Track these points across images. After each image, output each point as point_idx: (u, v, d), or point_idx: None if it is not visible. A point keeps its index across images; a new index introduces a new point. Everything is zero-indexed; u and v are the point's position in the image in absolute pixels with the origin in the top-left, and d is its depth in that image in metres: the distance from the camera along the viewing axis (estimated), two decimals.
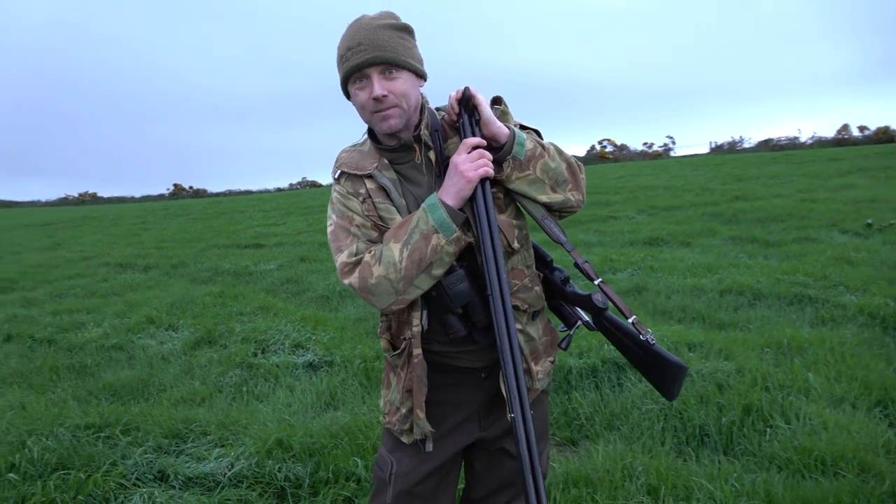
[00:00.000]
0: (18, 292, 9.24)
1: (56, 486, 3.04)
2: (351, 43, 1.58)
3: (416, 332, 1.65)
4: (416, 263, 1.54)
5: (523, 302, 1.71)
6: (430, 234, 1.53)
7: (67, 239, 18.79)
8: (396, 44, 1.58)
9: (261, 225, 17.64)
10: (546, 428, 1.90)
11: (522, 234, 1.73)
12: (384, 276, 1.56)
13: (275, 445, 3.32)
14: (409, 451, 1.76)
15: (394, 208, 1.65)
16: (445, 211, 1.53)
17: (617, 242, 9.96)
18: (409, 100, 1.61)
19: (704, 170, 24.18)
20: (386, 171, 1.67)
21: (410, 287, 1.57)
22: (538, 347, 1.77)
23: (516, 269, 1.71)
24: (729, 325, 5.23)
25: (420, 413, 1.67)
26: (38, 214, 38.64)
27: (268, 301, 7.12)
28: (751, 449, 3.19)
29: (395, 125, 1.61)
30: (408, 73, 1.61)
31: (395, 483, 1.75)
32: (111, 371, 4.99)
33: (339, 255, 1.65)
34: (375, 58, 1.55)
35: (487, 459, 1.84)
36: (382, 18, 1.61)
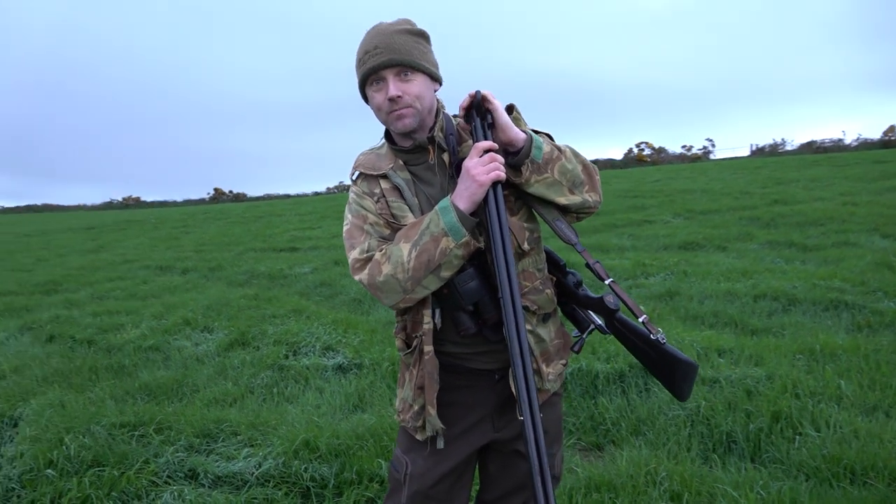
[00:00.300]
0: (62, 294, 9.51)
1: (91, 483, 3.14)
2: (368, 47, 1.64)
3: (426, 330, 1.69)
4: (424, 264, 1.58)
5: (533, 303, 1.73)
6: (440, 237, 1.56)
7: (110, 242, 19.26)
8: (411, 47, 1.63)
9: (297, 228, 17.86)
10: (560, 430, 1.90)
11: (533, 237, 1.75)
12: (392, 275, 1.60)
13: (302, 446, 3.37)
14: (423, 452, 1.79)
15: (406, 207, 1.70)
16: (456, 215, 1.56)
17: (651, 247, 9.87)
18: (423, 101, 1.66)
19: (744, 173, 23.79)
20: (400, 171, 1.72)
21: (418, 287, 1.61)
22: (549, 349, 1.79)
23: (527, 271, 1.73)
24: (761, 330, 5.15)
25: (431, 410, 1.70)
26: (83, 218, 39.65)
27: (301, 304, 7.22)
28: (778, 456, 3.15)
29: (410, 124, 1.66)
30: (422, 75, 1.66)
31: (410, 484, 1.78)
32: (148, 371, 5.11)
33: (351, 252, 1.70)
34: (391, 60, 1.61)
35: (501, 461, 1.86)
36: (398, 24, 1.66)
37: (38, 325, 7.02)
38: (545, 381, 1.77)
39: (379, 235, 1.70)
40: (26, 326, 7.05)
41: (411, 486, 1.78)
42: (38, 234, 25.55)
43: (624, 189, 20.45)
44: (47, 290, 10.09)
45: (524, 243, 1.71)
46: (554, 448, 1.86)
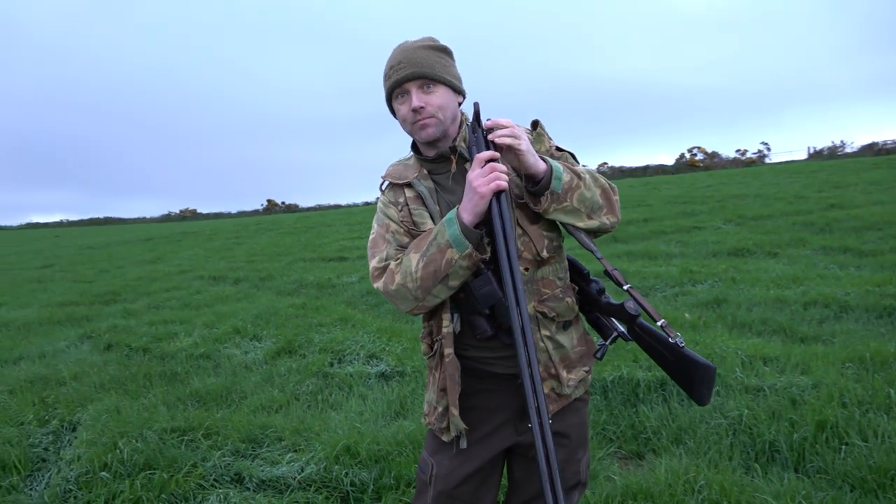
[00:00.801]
0: (120, 304, 9.85)
1: (142, 485, 3.27)
2: (393, 63, 1.73)
3: (446, 333, 1.75)
4: (431, 275, 1.64)
5: (551, 310, 1.77)
6: (445, 249, 1.62)
7: (167, 253, 19.82)
8: (433, 61, 1.72)
9: (346, 238, 18.10)
10: (584, 436, 1.92)
11: (553, 245, 1.79)
12: (402, 284, 1.68)
13: (343, 451, 3.45)
14: (448, 453, 1.83)
15: (427, 214, 1.77)
16: (459, 227, 1.61)
17: (700, 254, 9.71)
18: (445, 112, 1.73)
19: (800, 177, 23.15)
20: (424, 179, 1.80)
21: (428, 296, 1.67)
22: (570, 355, 1.82)
23: (546, 279, 1.77)
24: (811, 338, 5.04)
25: (454, 410, 1.75)
26: (142, 230, 40.93)
27: (347, 313, 7.34)
28: (823, 466, 3.08)
29: (433, 133, 1.73)
30: (444, 87, 1.73)
31: (435, 484, 1.83)
32: (198, 379, 5.27)
33: (371, 261, 1.79)
34: (413, 73, 1.69)
35: (525, 466, 1.89)
36: (422, 41, 1.75)
37: (97, 334, 7.29)
38: (564, 387, 1.79)
39: (398, 244, 1.77)
40: (86, 335, 7.34)
41: (436, 487, 1.83)
42: (100, 247, 26.47)
43: (674, 195, 20.12)
44: (107, 300, 10.46)
45: (543, 251, 1.75)
46: (578, 454, 1.88)
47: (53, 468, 3.66)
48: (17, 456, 3.70)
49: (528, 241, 1.74)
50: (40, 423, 4.31)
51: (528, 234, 1.74)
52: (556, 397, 1.80)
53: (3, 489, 3.45)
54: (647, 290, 7.36)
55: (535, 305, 1.75)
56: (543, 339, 1.76)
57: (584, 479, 1.94)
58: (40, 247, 30.67)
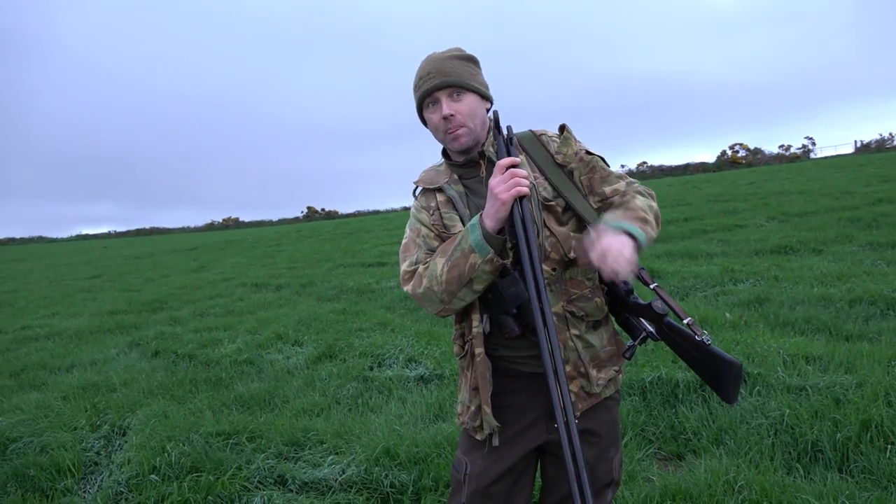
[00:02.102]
0: (166, 312, 10.10)
1: (190, 487, 3.37)
2: (422, 73, 1.79)
3: (476, 333, 1.79)
4: (455, 279, 1.69)
5: (580, 310, 1.80)
6: (469, 254, 1.67)
7: (211, 262, 20.23)
8: (461, 70, 1.77)
9: (385, 243, 18.25)
10: (616, 434, 1.93)
11: None
12: (429, 288, 1.73)
13: (382, 454, 3.50)
14: (481, 452, 1.87)
15: (457, 217, 1.81)
16: (481, 233, 1.65)
17: (742, 252, 9.56)
18: (475, 119, 1.78)
19: (846, 171, 22.61)
20: (454, 184, 1.85)
21: (455, 299, 1.72)
22: (600, 354, 1.84)
23: (575, 279, 1.80)
24: (856, 336, 4.93)
25: (486, 409, 1.78)
26: (186, 240, 41.77)
27: (386, 317, 7.42)
28: (868, 467, 3.03)
29: (465, 143, 1.79)
30: (473, 95, 1.78)
31: (469, 483, 1.87)
32: (242, 384, 5.39)
33: (402, 264, 1.84)
34: (442, 82, 1.75)
35: (557, 465, 1.90)
36: (449, 52, 1.82)
37: (145, 342, 7.50)
38: (593, 385, 1.81)
39: (428, 248, 1.82)
40: (134, 343, 7.55)
41: (470, 486, 1.87)
42: (146, 257, 27.14)
43: (715, 193, 19.81)
44: (154, 308, 10.73)
45: (571, 252, 1.77)
46: (610, 452, 1.89)
47: (105, 471, 3.79)
48: (71, 460, 3.85)
49: (555, 243, 1.76)
50: (92, 427, 4.46)
51: (555, 236, 1.77)
52: (586, 396, 1.82)
53: (59, 492, 3.59)
54: (688, 290, 7.28)
55: (563, 305, 1.78)
56: (572, 339, 1.78)
57: (617, 478, 1.94)
58: (90, 258, 31.56)
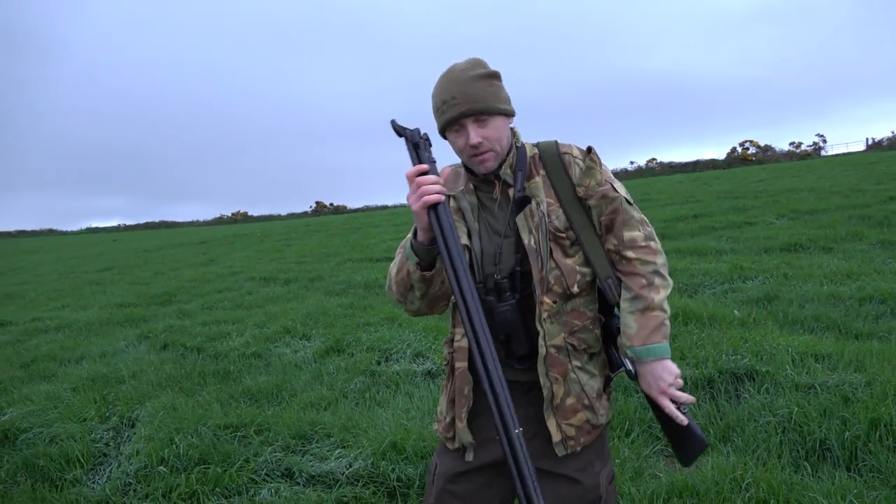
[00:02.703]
0: (175, 305, 10.15)
1: (197, 479, 3.39)
2: (446, 96, 1.71)
3: (458, 347, 1.79)
4: (402, 281, 1.78)
5: (581, 342, 1.77)
6: (405, 259, 1.74)
7: (220, 255, 20.28)
8: (486, 93, 1.70)
9: (393, 239, 18.24)
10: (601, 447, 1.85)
11: (585, 280, 1.77)
12: (389, 286, 1.81)
13: (389, 448, 3.51)
14: (452, 455, 1.86)
15: (465, 229, 1.79)
16: (411, 241, 1.71)
17: (751, 250, 9.51)
18: (501, 142, 1.74)
19: (857, 169, 22.45)
20: (469, 195, 1.82)
21: (407, 301, 1.79)
22: (598, 386, 1.81)
23: (577, 310, 1.77)
24: (865, 335, 4.90)
25: (460, 424, 1.78)
26: (195, 233, 41.90)
27: (393, 312, 7.42)
28: (876, 465, 3.02)
29: (491, 167, 1.75)
30: (500, 117, 1.73)
31: (437, 482, 1.87)
32: (250, 377, 5.41)
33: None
34: (469, 110, 1.68)
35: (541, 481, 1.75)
36: (471, 69, 1.72)
37: (153, 334, 7.54)
38: (598, 417, 1.78)
39: None
40: (143, 335, 7.59)
41: (437, 484, 1.86)
42: (156, 250, 27.25)
43: (725, 190, 19.73)
44: (163, 301, 10.78)
45: (574, 286, 1.74)
46: (597, 466, 1.81)
47: (114, 462, 3.82)
48: (80, 450, 3.88)
49: (559, 276, 1.72)
50: (101, 419, 4.49)
51: (560, 268, 1.72)
52: (591, 428, 1.77)
53: (68, 482, 3.62)
54: (696, 287, 7.25)
55: (564, 337, 1.74)
56: (574, 370, 1.75)
57: (606, 496, 1.82)
58: (99, 250, 31.73)
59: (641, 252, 1.76)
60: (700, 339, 4.75)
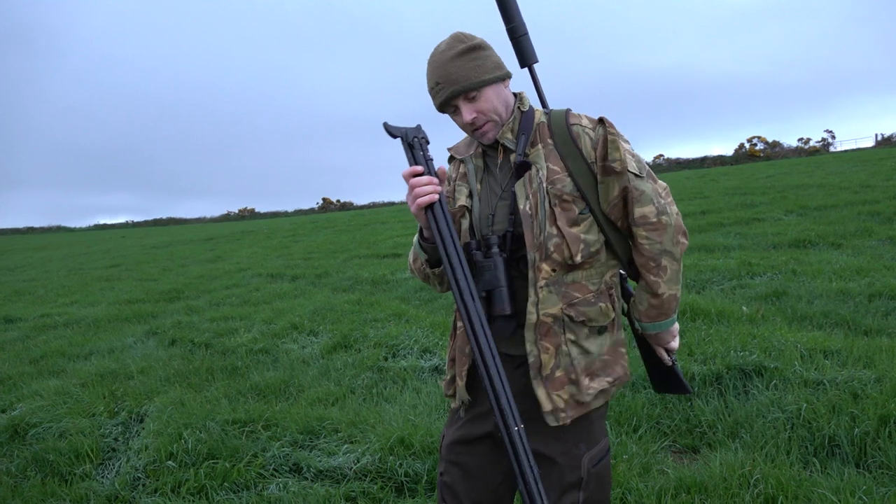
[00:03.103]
0: (183, 301, 10.18)
1: (206, 474, 3.40)
2: (431, 83, 1.76)
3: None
4: (419, 271, 1.92)
5: (581, 314, 1.74)
6: (417, 252, 1.87)
7: (227, 252, 20.34)
8: (469, 70, 1.71)
9: (400, 235, 18.25)
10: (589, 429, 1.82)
11: (591, 251, 1.75)
12: (411, 272, 1.94)
13: (397, 443, 3.52)
14: (456, 424, 1.92)
15: (466, 190, 1.85)
16: (416, 237, 1.82)
17: (759, 246, 9.47)
18: (497, 111, 1.76)
19: (866, 165, 22.31)
20: (476, 158, 1.88)
21: (429, 285, 1.91)
22: (595, 363, 1.78)
23: (578, 283, 1.76)
24: (875, 331, 4.88)
25: (460, 381, 1.85)
26: (203, 230, 42.02)
27: (401, 308, 7.43)
28: (886, 462, 3.00)
29: (493, 136, 1.79)
30: (489, 87, 1.74)
31: (444, 454, 1.93)
32: (258, 373, 5.42)
33: None
34: (454, 91, 1.72)
35: None
36: (451, 48, 1.73)
37: (162, 330, 7.56)
38: (583, 394, 1.74)
39: None
40: (152, 331, 7.62)
41: (445, 455, 1.93)
42: (164, 246, 27.33)
43: (733, 186, 19.64)
44: (171, 297, 10.82)
45: (577, 256, 1.72)
46: (581, 448, 1.79)
47: (123, 457, 3.83)
48: (89, 445, 3.89)
49: (560, 243, 1.71)
50: (110, 414, 4.51)
51: (562, 236, 1.71)
52: (576, 404, 1.75)
53: (77, 477, 3.63)
54: (704, 283, 7.23)
55: (562, 308, 1.72)
56: (567, 343, 1.73)
57: (587, 478, 1.78)
58: (108, 247, 31.86)
59: (650, 230, 1.74)
60: (708, 336, 4.73)
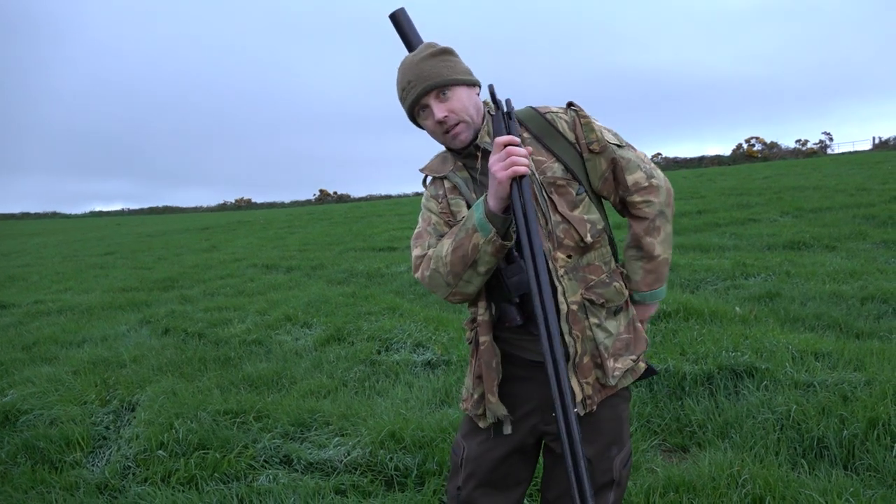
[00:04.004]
0: (177, 290, 10.16)
1: (196, 464, 3.41)
2: (403, 84, 1.76)
3: (481, 321, 1.79)
4: (459, 259, 1.67)
5: (600, 297, 1.76)
6: (472, 233, 1.65)
7: (222, 242, 20.31)
8: (440, 68, 1.73)
9: (396, 228, 18.25)
10: (619, 432, 1.85)
11: (597, 229, 1.77)
12: (435, 270, 1.73)
13: (388, 437, 3.52)
14: (479, 438, 1.87)
15: (463, 203, 1.80)
16: (484, 211, 1.64)
17: (754, 246, 9.50)
18: (468, 112, 1.76)
19: (863, 168, 22.39)
20: (459, 171, 1.84)
21: (460, 281, 1.71)
22: (616, 343, 1.79)
23: (592, 265, 1.78)
24: (867, 334, 4.91)
25: (491, 398, 1.78)
26: (199, 219, 41.93)
27: (395, 302, 7.43)
28: (873, 464, 3.02)
29: (466, 139, 1.78)
30: (459, 87, 1.75)
31: (466, 466, 1.88)
32: (251, 364, 5.42)
33: (413, 251, 1.84)
34: (426, 87, 1.72)
35: (554, 462, 1.88)
36: (422, 52, 1.77)
37: (155, 319, 7.55)
38: (609, 377, 1.76)
39: (438, 235, 1.81)
40: (145, 320, 7.60)
41: (466, 469, 1.88)
42: (159, 235, 27.26)
43: (729, 186, 19.68)
44: (165, 286, 10.79)
45: (587, 236, 1.74)
46: (612, 451, 1.82)
47: (114, 446, 3.83)
48: (80, 433, 3.89)
49: (568, 228, 1.72)
50: (102, 402, 4.50)
51: (568, 221, 1.72)
52: (601, 388, 1.77)
53: (68, 464, 3.63)
54: (698, 283, 7.25)
55: (582, 293, 1.74)
56: (591, 328, 1.74)
57: (619, 479, 1.84)
58: (103, 234, 31.77)
59: (645, 193, 1.80)
60: (700, 335, 4.75)
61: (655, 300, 1.88)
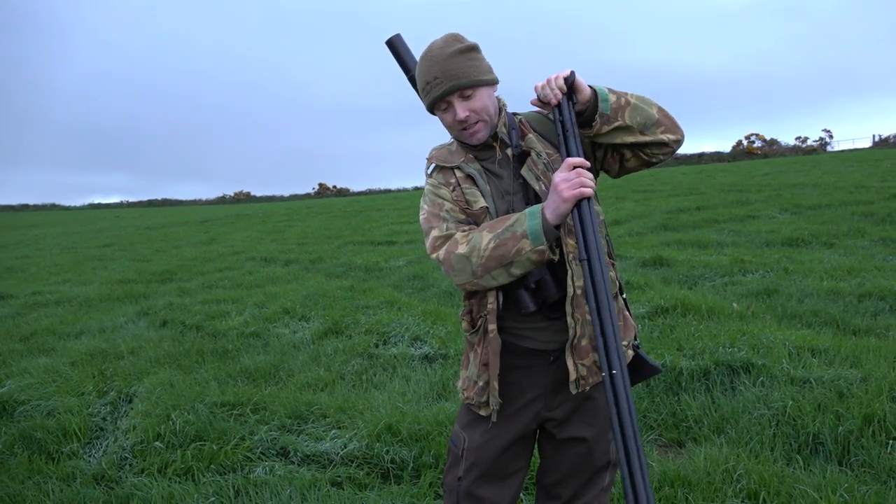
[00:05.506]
0: (176, 283, 10.16)
1: (193, 455, 3.42)
2: (428, 77, 1.77)
3: (490, 310, 1.80)
4: (497, 257, 1.69)
5: None
6: (520, 237, 1.67)
7: (221, 235, 20.28)
8: (467, 68, 1.75)
9: (395, 223, 18.25)
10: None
11: (600, 220, 1.80)
12: (466, 256, 1.72)
13: (384, 430, 3.53)
14: (480, 428, 1.90)
15: (479, 193, 1.82)
16: (541, 222, 1.66)
17: (752, 243, 9.50)
18: (488, 111, 1.80)
19: (862, 165, 22.40)
20: (471, 163, 1.86)
21: (487, 276, 1.72)
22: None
23: None
24: (863, 331, 4.91)
25: (495, 384, 1.81)
26: (198, 212, 41.85)
27: (393, 296, 7.44)
28: (868, 461, 3.03)
29: (483, 137, 1.81)
30: (482, 88, 1.78)
31: (468, 457, 1.91)
32: (248, 356, 5.43)
33: (431, 232, 1.83)
34: (452, 87, 1.74)
35: (554, 446, 1.93)
36: (449, 45, 1.77)
37: (153, 311, 7.55)
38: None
39: (455, 220, 1.82)
40: (143, 312, 7.61)
41: (468, 459, 1.90)
42: (158, 227, 27.23)
43: (729, 183, 19.68)
44: (163, 279, 10.79)
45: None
46: (610, 434, 1.90)
47: (111, 437, 3.84)
48: (77, 424, 3.90)
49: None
50: (99, 394, 4.52)
51: None
52: (597, 370, 1.81)
53: (65, 455, 3.64)
54: (696, 279, 7.25)
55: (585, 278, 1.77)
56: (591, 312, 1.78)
57: (615, 461, 1.94)
58: (101, 227, 31.73)
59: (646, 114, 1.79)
60: (698, 331, 4.76)
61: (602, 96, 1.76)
